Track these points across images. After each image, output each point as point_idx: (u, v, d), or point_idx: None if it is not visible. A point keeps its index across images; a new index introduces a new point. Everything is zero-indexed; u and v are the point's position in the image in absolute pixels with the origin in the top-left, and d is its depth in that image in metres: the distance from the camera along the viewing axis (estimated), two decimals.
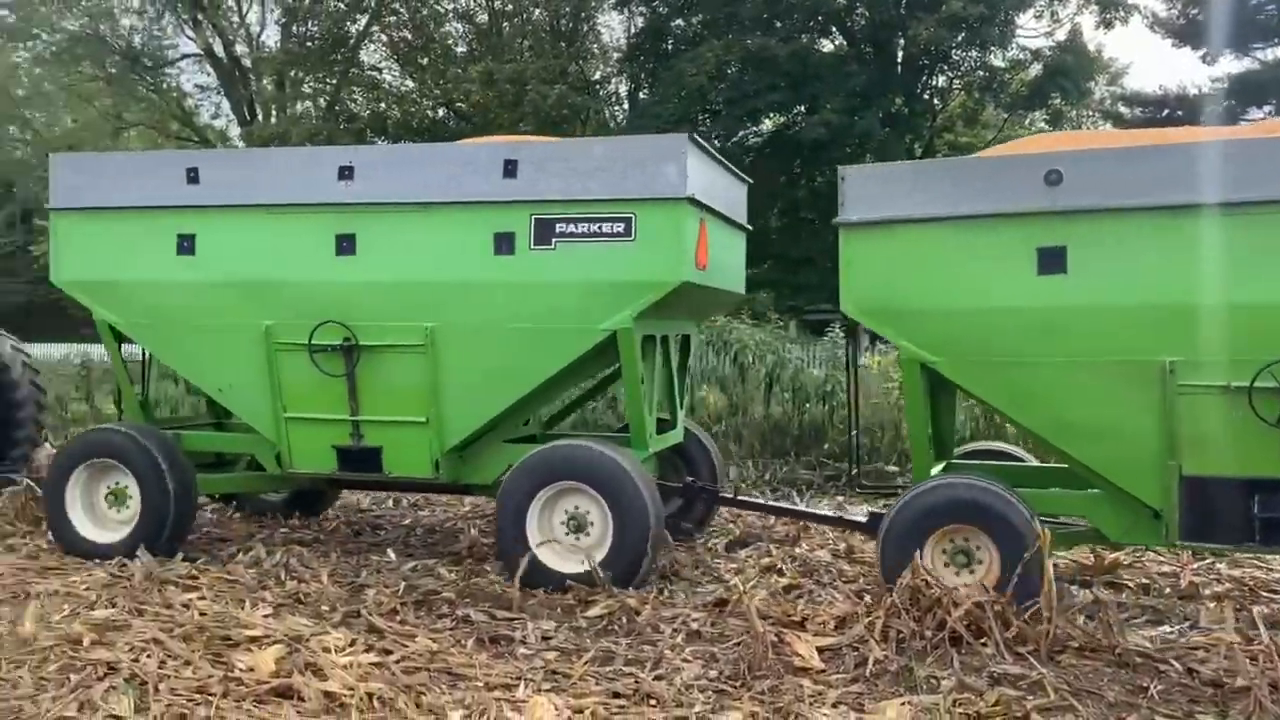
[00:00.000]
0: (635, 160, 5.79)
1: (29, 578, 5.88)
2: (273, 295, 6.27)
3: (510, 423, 6.54)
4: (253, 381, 6.39)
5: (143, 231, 6.51)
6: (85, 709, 3.84)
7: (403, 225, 6.10)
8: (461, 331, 6.03)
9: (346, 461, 6.40)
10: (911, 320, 5.51)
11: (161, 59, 29.42)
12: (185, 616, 5.05)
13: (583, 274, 5.82)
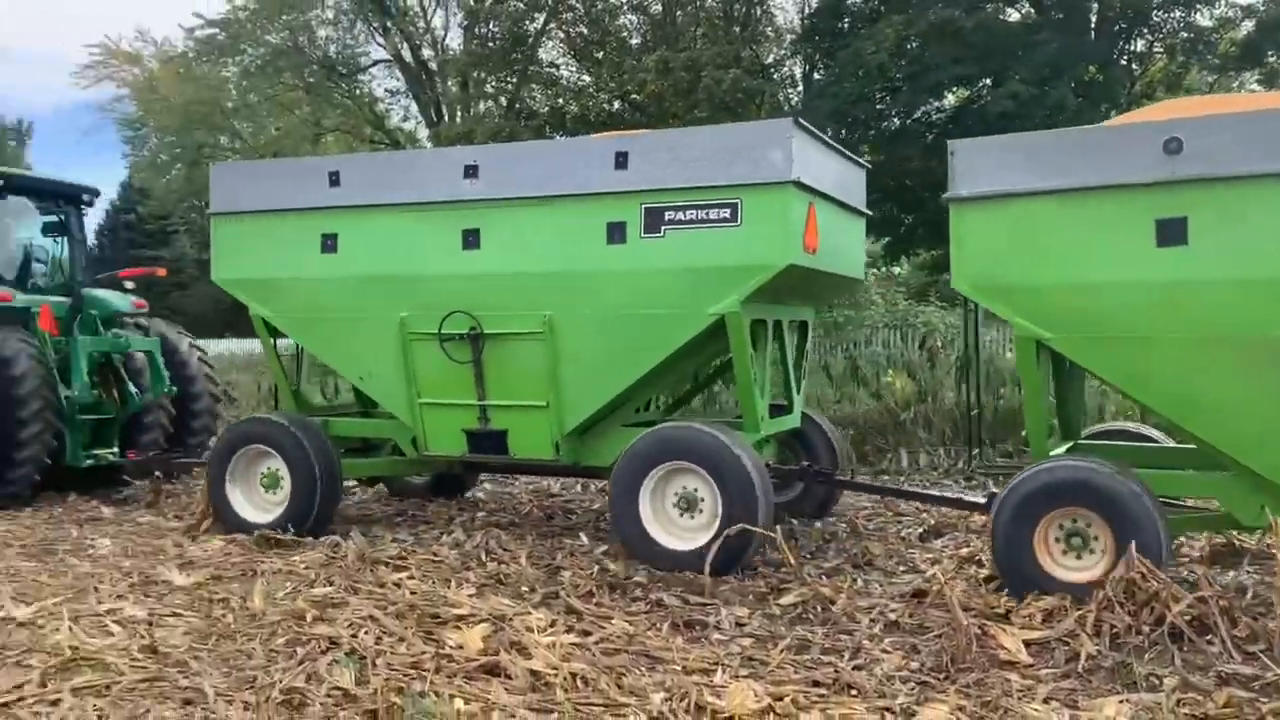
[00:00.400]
0: (741, 146, 5.92)
1: (255, 556, 6.32)
2: (406, 288, 6.71)
3: (628, 406, 6.80)
4: (390, 369, 6.88)
5: (291, 232, 7.08)
6: (312, 680, 4.07)
7: (522, 219, 6.44)
8: (577, 319, 6.32)
9: (475, 444, 6.80)
10: (1025, 296, 5.40)
11: (355, 66, 30.93)
12: (397, 595, 5.31)
13: (690, 260, 6.00)
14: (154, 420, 9.13)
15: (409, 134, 33.71)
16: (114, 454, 8.79)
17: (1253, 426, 4.92)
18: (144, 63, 36.00)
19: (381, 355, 6.86)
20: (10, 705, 3.89)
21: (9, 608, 5.17)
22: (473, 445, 6.78)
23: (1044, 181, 5.21)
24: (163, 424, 9.21)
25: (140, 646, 4.54)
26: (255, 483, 7.11)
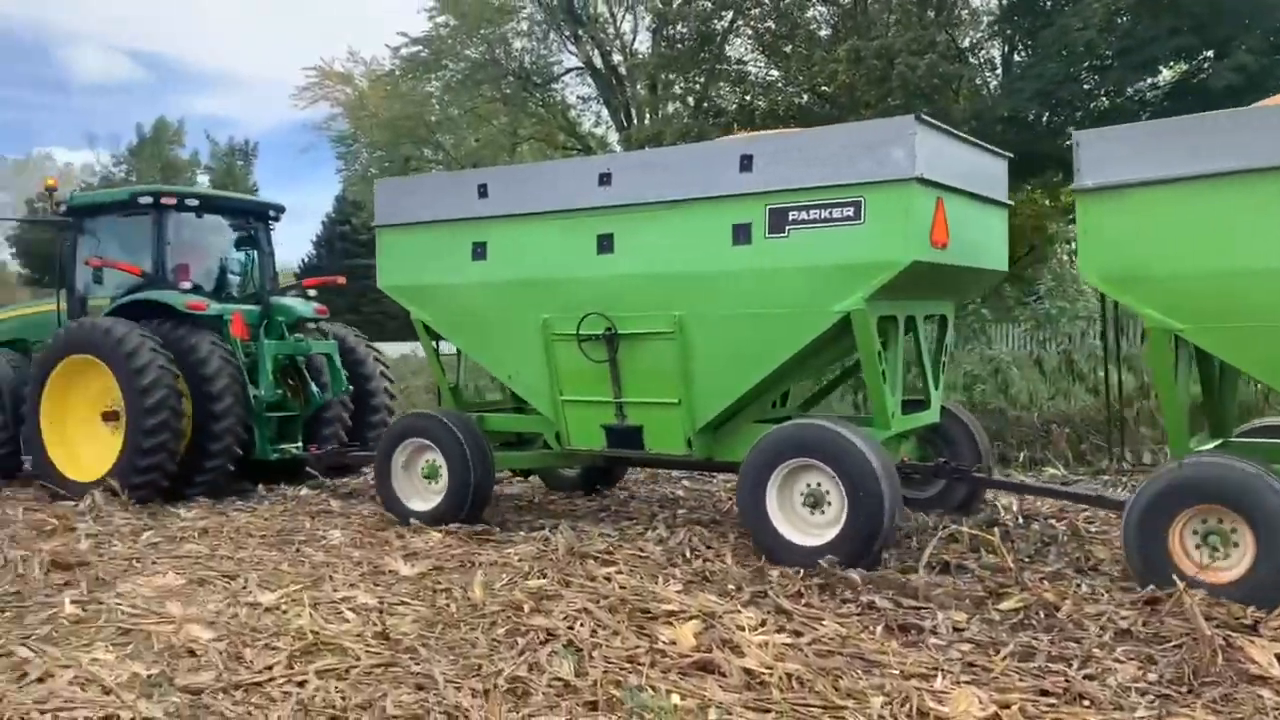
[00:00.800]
0: (863, 145, 5.94)
1: (472, 548, 6.58)
2: (548, 291, 7.05)
3: (761, 402, 6.92)
4: (534, 368, 7.26)
5: (445, 241, 7.54)
6: (534, 671, 4.21)
7: (652, 223, 6.66)
8: (706, 318, 6.49)
9: (613, 439, 7.09)
10: (1156, 286, 5.28)
11: (548, 76, 31.80)
12: (607, 589, 5.42)
13: (815, 259, 6.06)
14: (334, 417, 9.87)
15: (600, 139, 34.38)
16: (297, 448, 9.54)
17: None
18: (355, 82, 38.18)
19: (526, 355, 7.25)
20: (263, 684, 4.20)
21: (256, 593, 5.59)
22: (611, 440, 7.07)
23: (1173, 169, 5.10)
24: (342, 420, 9.94)
25: (373, 633, 4.81)
26: (417, 474, 7.64)
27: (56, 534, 7.23)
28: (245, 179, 49.91)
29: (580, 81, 32.50)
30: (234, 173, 49.62)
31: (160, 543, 7.03)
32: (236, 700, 4.03)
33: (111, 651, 4.62)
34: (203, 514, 8.05)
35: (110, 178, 49.37)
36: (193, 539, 7.13)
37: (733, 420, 6.78)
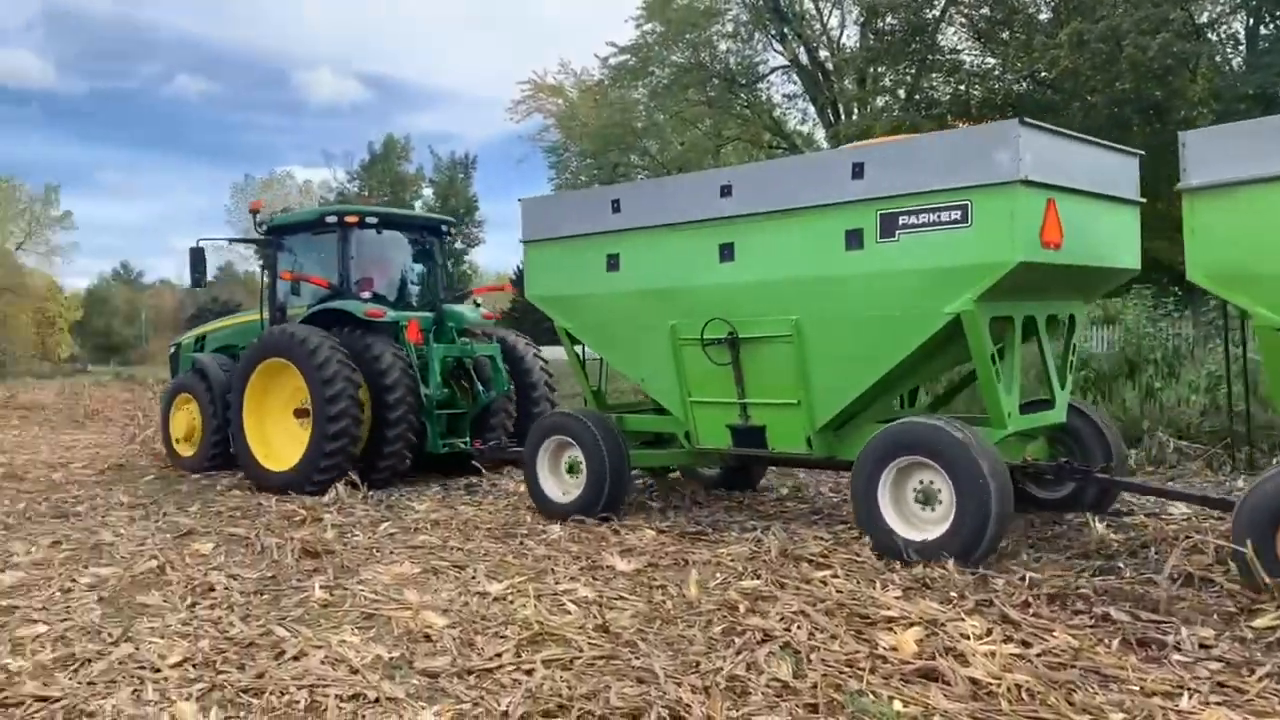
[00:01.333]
0: (969, 150, 6.06)
1: (685, 546, 6.66)
2: (675, 299, 7.44)
3: (880, 403, 7.13)
4: (664, 371, 7.66)
5: (583, 254, 8.02)
6: (751, 670, 4.23)
7: (770, 231, 6.93)
8: (822, 322, 6.72)
9: (738, 438, 7.41)
10: (1266, 285, 5.20)
11: (754, 76, 31.79)
12: (824, 592, 5.37)
13: (924, 262, 6.19)
14: (499, 414, 10.70)
15: (806, 136, 34.06)
16: (464, 443, 10.29)
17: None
18: (565, 93, 39.39)
19: (657, 359, 7.67)
20: (493, 671, 4.41)
21: (484, 583, 5.86)
22: (736, 440, 7.41)
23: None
24: (507, 416, 10.76)
25: (594, 626, 4.95)
26: (561, 469, 8.12)
27: (305, 524, 7.82)
28: (465, 190, 52.32)
29: (786, 80, 32.35)
30: (455, 185, 52.11)
31: (396, 533, 7.49)
32: (470, 685, 4.24)
33: (356, 634, 4.96)
34: (434, 507, 8.52)
35: (344, 193, 52.90)
36: (425, 530, 7.55)
37: (854, 420, 6.99)
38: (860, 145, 7.24)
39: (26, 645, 4.83)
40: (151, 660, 4.57)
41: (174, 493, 9.80)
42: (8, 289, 57.20)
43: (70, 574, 6.30)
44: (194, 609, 5.49)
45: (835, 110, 30.02)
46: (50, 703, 4.06)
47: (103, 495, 9.56)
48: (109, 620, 5.27)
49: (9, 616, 5.35)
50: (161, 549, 6.97)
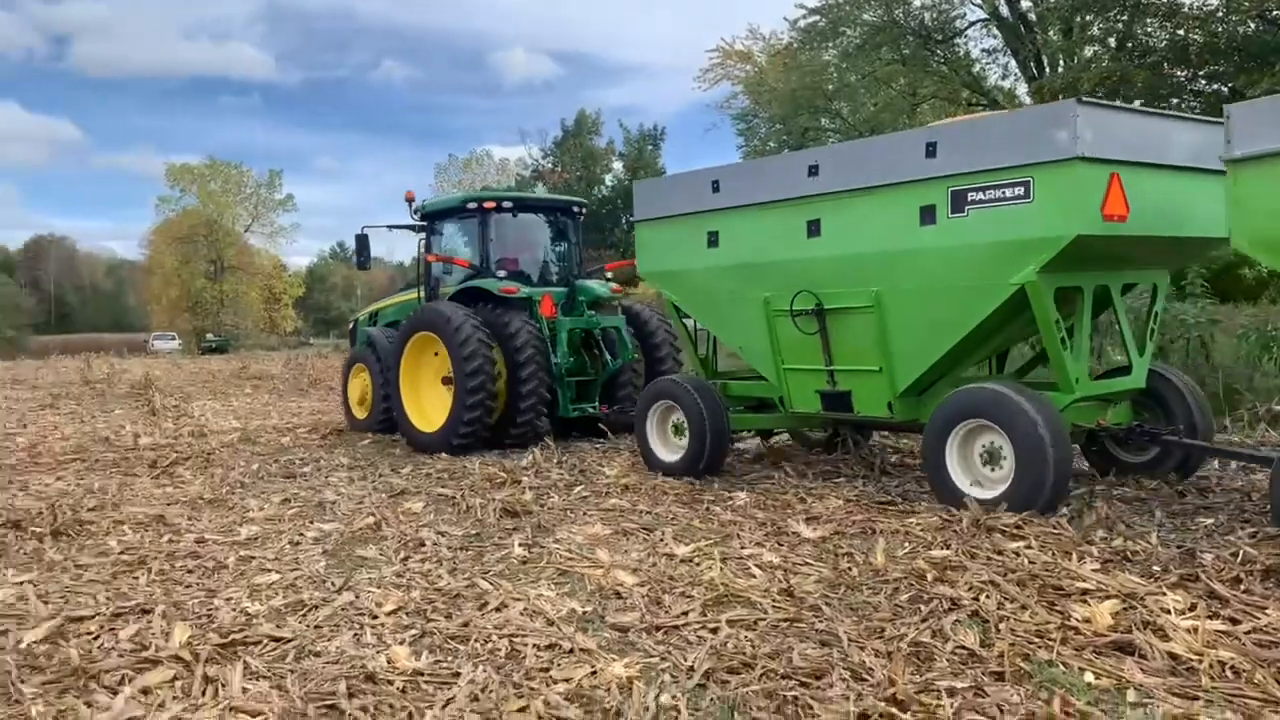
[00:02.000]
0: (1030, 129, 6.38)
1: (873, 515, 6.64)
2: (767, 273, 7.97)
3: (957, 368, 7.56)
4: (759, 340, 8.21)
5: (686, 231, 8.65)
6: (937, 637, 4.22)
7: (853, 207, 7.37)
8: (900, 293, 7.14)
9: (827, 403, 7.95)
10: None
11: (950, 31, 30.56)
12: (1016, 563, 5.27)
13: (991, 236, 6.55)
14: (627, 381, 11.39)
15: (1008, 92, 32.55)
16: (593, 407, 11.23)
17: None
18: (754, 59, 39.04)
19: (753, 329, 8.20)
20: (679, 628, 4.57)
21: (671, 545, 6.05)
22: (825, 404, 7.94)
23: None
24: (635, 384, 11.30)
25: (779, 590, 5.04)
26: (668, 430, 8.84)
27: (505, 485, 8.23)
28: (654, 162, 52.79)
29: (985, 34, 30.91)
30: (645, 157, 52.67)
31: (589, 496, 7.79)
32: (658, 640, 4.42)
33: (553, 589, 5.24)
34: (623, 473, 8.78)
35: (539, 169, 54.41)
36: (616, 495, 7.82)
37: (935, 385, 7.39)
38: (934, 126, 7.63)
39: (262, 591, 5.35)
40: (369, 608, 4.97)
41: (388, 456, 10.49)
42: (238, 268, 61.86)
43: (298, 529, 6.90)
44: (406, 562, 5.92)
45: (1039, 63, 28.52)
46: (283, 643, 4.50)
47: (325, 457, 10.35)
48: (332, 571, 5.76)
49: (247, 565, 5.93)
50: (377, 507, 7.52)
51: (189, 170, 62.62)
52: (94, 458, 10.50)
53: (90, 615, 4.89)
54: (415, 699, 3.81)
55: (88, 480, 9.04)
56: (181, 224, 61.33)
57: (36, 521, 6.96)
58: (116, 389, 21.08)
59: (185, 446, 11.17)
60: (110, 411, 16.04)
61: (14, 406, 17.13)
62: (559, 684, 3.91)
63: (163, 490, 8.53)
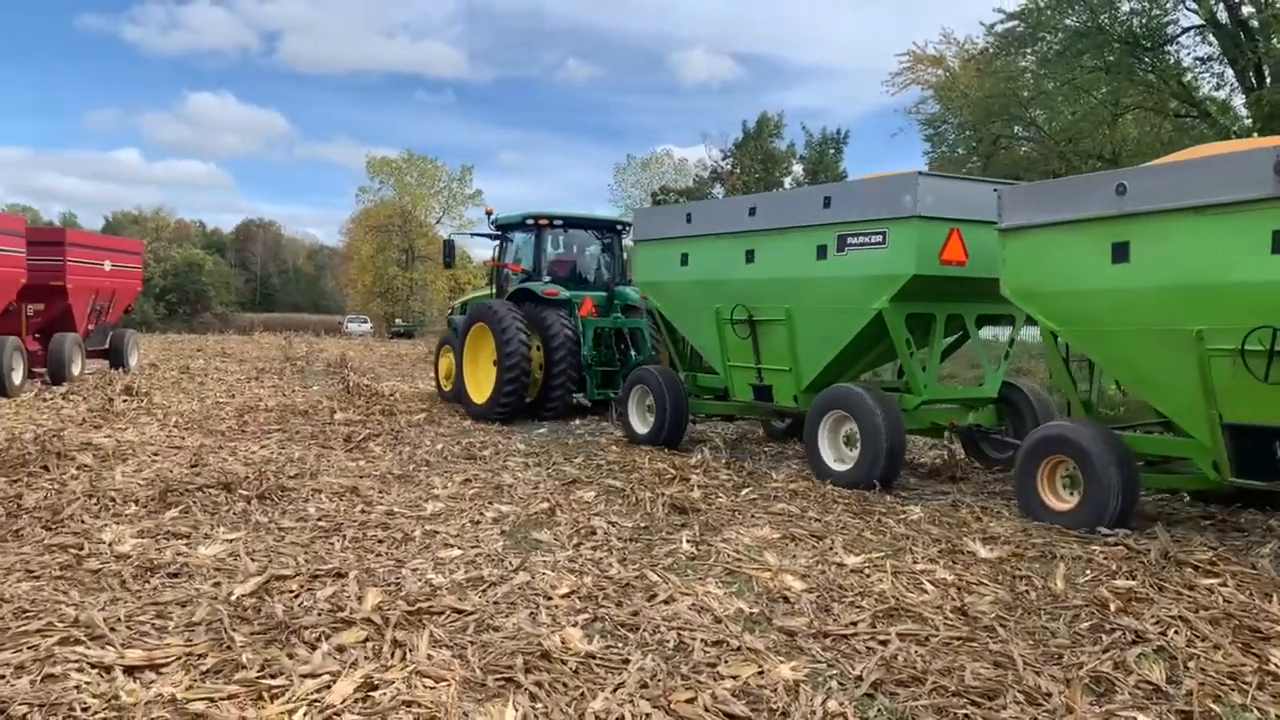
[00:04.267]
0: (890, 192, 8.27)
1: (1054, 539, 6.42)
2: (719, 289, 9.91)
3: (847, 372, 9.38)
4: (713, 342, 10.12)
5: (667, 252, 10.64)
6: (1119, 669, 4.08)
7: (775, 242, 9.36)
8: (803, 311, 9.06)
9: (756, 394, 9.92)
10: (1043, 301, 7.26)
11: (1161, 38, 28.92)
12: (1208, 600, 5.03)
13: (861, 271, 8.46)
14: None
15: (1221, 103, 30.56)
16: (614, 393, 12.67)
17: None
18: (946, 63, 38.02)
19: (709, 333, 10.16)
20: (848, 637, 4.55)
21: (841, 555, 6.01)
22: (755, 395, 9.92)
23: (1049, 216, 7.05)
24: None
25: (952, 608, 4.95)
26: (644, 408, 10.95)
27: (674, 482, 8.36)
28: (835, 166, 52.04)
29: (1199, 41, 29.11)
30: (825, 160, 52.00)
31: (757, 499, 7.81)
32: (825, 646, 4.42)
33: (720, 587, 5.30)
34: (791, 477, 8.76)
35: (718, 170, 54.52)
36: (784, 499, 7.81)
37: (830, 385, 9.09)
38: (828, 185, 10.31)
39: (445, 564, 5.63)
40: (544, 589, 5.17)
41: (561, 445, 10.80)
42: (428, 258, 64.48)
43: (478, 508, 7.21)
44: (579, 548, 6.11)
45: (1259, 73, 26.67)
46: (464, 615, 4.73)
47: (504, 442, 10.75)
48: (509, 551, 6.00)
49: (431, 539, 6.25)
50: (552, 493, 7.77)
51: (387, 163, 65.68)
52: (294, 429, 11.24)
53: (292, 575, 5.27)
54: (587, 680, 3.94)
55: (289, 450, 9.70)
56: (379, 213, 64.41)
57: (245, 485, 7.53)
58: (314, 366, 22.43)
59: (376, 424, 11.81)
60: (309, 387, 17.09)
61: (224, 378, 18.48)
62: (726, 680, 3.97)
63: (356, 464, 9.06)
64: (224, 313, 59.01)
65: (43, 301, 16.42)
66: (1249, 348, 5.81)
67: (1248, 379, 5.84)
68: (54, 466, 8.23)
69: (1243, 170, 5.88)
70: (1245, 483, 6.37)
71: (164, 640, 4.24)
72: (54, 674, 3.84)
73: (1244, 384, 5.90)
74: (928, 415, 8.94)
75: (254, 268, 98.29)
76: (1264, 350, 5.75)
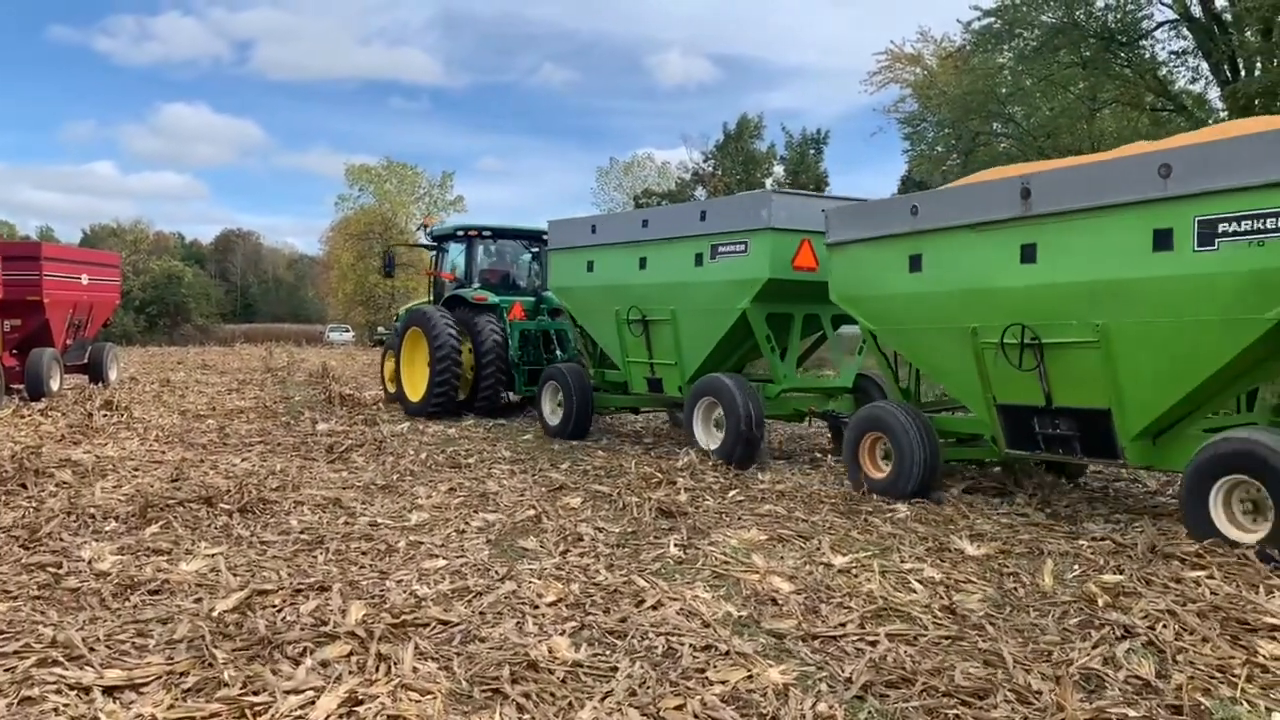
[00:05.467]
0: (746, 208, 9.77)
1: (1041, 535, 6.42)
2: (617, 293, 11.20)
3: (723, 364, 10.49)
4: (614, 340, 11.53)
5: (574, 260, 12.07)
6: (1109, 664, 4.07)
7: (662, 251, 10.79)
8: (685, 313, 10.48)
9: (650, 386, 11.32)
10: (862, 305, 8.62)
11: (1136, 33, 29.10)
12: (1195, 593, 5.02)
13: (726, 276, 9.86)
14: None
15: (1196, 97, 30.77)
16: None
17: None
18: (923, 62, 38.18)
19: (611, 332, 11.48)
20: (837, 639, 4.52)
21: (829, 555, 5.99)
22: (649, 387, 11.31)
23: (855, 234, 8.47)
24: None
25: (940, 606, 4.93)
26: (555, 402, 12.19)
27: (661, 486, 8.32)
28: (816, 167, 52.15)
29: (1174, 35, 29.31)
30: (806, 161, 52.11)
31: (744, 501, 7.79)
32: (814, 649, 4.39)
33: (708, 591, 5.27)
34: (778, 479, 8.74)
35: (699, 173, 54.57)
36: (771, 500, 7.79)
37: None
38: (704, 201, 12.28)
39: (430, 575, 5.58)
40: (530, 597, 5.12)
41: (547, 451, 10.76)
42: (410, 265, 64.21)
43: (463, 517, 7.15)
44: (565, 555, 6.07)
45: (1234, 66, 26.86)
46: (450, 626, 4.68)
47: (489, 450, 10.69)
48: (495, 560, 5.95)
49: (416, 550, 6.19)
50: (538, 500, 7.72)
51: (367, 170, 65.43)
52: (275, 441, 11.15)
53: (274, 589, 5.20)
54: (575, 689, 3.90)
55: (270, 462, 9.61)
56: (358, 221, 64.17)
57: (226, 499, 7.44)
58: (295, 376, 22.28)
59: (359, 434, 11.73)
60: (290, 398, 16.96)
61: (204, 390, 18.33)
62: (716, 685, 3.93)
63: (338, 475, 8.99)
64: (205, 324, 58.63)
65: (19, 317, 16.22)
66: (1007, 341, 7.03)
67: (1008, 366, 7.06)
68: (32, 484, 8.12)
69: (1002, 194, 7.10)
70: (1015, 453, 7.54)
71: (144, 659, 4.17)
72: (31, 696, 3.77)
73: (1006, 371, 7.14)
74: (790, 403, 10.35)
75: (234, 278, 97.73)
76: (1017, 343, 6.96)
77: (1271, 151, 5.61)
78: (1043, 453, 7.30)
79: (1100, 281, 6.44)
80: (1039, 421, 7.16)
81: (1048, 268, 6.77)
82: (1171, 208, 6.03)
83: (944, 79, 35.31)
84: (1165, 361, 6.26)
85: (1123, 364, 6.46)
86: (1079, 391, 6.82)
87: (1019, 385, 7.12)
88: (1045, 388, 6.99)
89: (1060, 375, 6.88)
